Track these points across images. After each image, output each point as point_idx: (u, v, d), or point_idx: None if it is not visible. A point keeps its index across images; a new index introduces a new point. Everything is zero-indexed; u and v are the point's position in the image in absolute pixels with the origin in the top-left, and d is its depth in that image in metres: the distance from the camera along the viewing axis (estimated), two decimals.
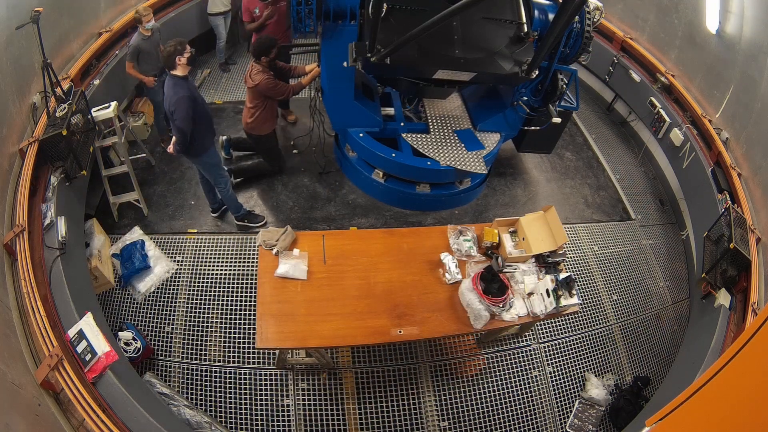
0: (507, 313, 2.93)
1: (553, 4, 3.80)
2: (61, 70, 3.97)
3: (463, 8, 2.79)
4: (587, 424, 3.45)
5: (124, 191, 4.30)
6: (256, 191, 4.65)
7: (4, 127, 3.19)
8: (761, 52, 3.98)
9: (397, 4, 3.38)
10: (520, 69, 3.56)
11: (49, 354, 2.41)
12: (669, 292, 4.48)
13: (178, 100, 3.25)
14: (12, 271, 2.83)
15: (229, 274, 3.96)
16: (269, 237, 3.15)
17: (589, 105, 6.49)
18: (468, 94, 4.84)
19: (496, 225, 3.43)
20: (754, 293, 3.28)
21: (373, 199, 4.67)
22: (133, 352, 3.29)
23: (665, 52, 5.32)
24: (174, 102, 3.26)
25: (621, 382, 3.77)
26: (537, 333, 3.91)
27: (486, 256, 3.27)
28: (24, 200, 3.04)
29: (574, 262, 4.47)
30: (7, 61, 3.26)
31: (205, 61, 6.35)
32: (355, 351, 3.60)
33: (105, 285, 3.71)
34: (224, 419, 3.21)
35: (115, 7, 4.82)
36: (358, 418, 3.29)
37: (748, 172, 4.10)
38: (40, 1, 3.36)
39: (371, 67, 3.39)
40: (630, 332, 4.10)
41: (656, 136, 5.20)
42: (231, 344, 3.57)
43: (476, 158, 4.16)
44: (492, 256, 3.22)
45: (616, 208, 5.12)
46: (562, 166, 5.46)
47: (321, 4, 3.37)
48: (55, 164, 3.37)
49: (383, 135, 4.34)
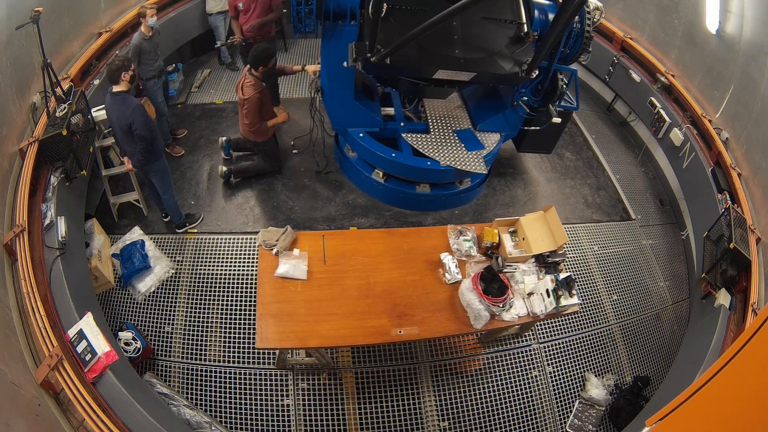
0: (507, 313, 2.93)
1: (553, 4, 3.80)
2: (61, 70, 3.97)
3: (463, 8, 2.79)
4: (587, 424, 3.45)
5: (124, 191, 4.30)
6: (256, 191, 4.65)
7: (4, 127, 3.19)
8: (761, 52, 3.98)
9: (397, 4, 3.38)
10: (520, 69, 3.56)
11: (49, 354, 2.41)
12: (669, 292, 4.48)
13: (134, 109, 3.35)
14: (12, 271, 2.83)
15: (229, 274, 3.96)
16: (269, 237, 3.15)
17: (589, 105, 6.48)
18: (468, 94, 4.84)
19: (496, 225, 3.43)
20: (754, 293, 3.28)
21: (373, 199, 4.67)
22: (133, 352, 3.29)
23: (665, 52, 5.32)
24: (130, 113, 3.34)
25: (621, 382, 3.77)
26: (537, 333, 3.91)
27: (486, 256, 3.27)
28: (24, 200, 3.04)
29: (574, 262, 4.47)
30: (7, 61, 3.26)
31: (205, 61, 6.35)
32: (355, 351, 3.60)
33: (105, 285, 3.71)
34: (224, 419, 3.21)
35: (115, 7, 4.82)
36: (358, 418, 3.29)
37: (748, 172, 4.10)
38: (40, 1, 3.36)
39: (371, 67, 3.39)
40: (630, 332, 4.10)
41: (656, 136, 5.20)
42: (231, 344, 3.56)
43: (476, 158, 4.16)
44: (492, 256, 3.22)
45: (616, 208, 5.12)
46: (562, 166, 5.46)
47: (321, 4, 3.37)
48: (55, 164, 3.38)
49: (383, 135, 4.34)
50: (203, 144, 5.08)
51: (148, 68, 4.36)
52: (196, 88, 5.87)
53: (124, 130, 3.45)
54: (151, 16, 4.16)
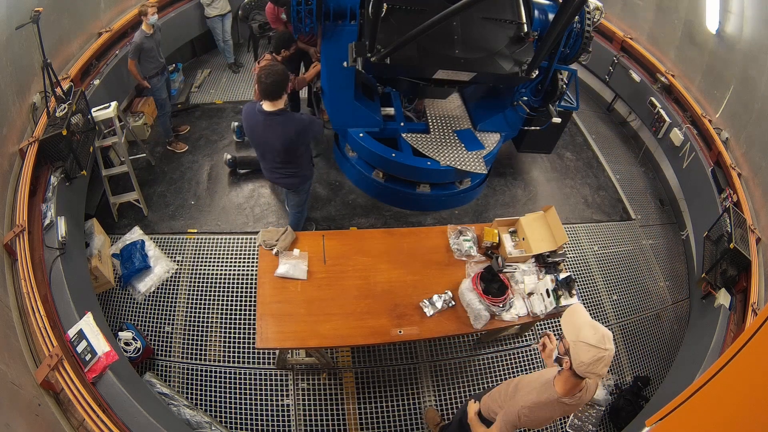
0: (507, 313, 2.93)
1: (553, 4, 3.80)
2: (61, 70, 3.96)
3: (463, 8, 2.78)
4: (587, 424, 3.45)
5: (124, 191, 4.31)
6: (256, 191, 4.65)
7: (4, 127, 3.19)
8: (761, 52, 3.98)
9: (397, 4, 3.38)
10: (520, 69, 3.56)
11: (49, 354, 2.41)
12: (669, 292, 4.48)
13: (311, 121, 3.11)
14: (12, 271, 2.83)
15: (229, 274, 3.96)
16: (269, 237, 3.15)
17: (589, 105, 6.49)
18: (468, 94, 4.84)
19: (496, 225, 3.43)
20: (754, 293, 3.28)
21: (373, 199, 4.67)
22: (133, 352, 3.29)
23: (665, 52, 5.32)
24: (306, 126, 3.06)
25: (621, 382, 3.77)
26: (537, 333, 3.91)
27: (486, 256, 3.27)
28: (24, 200, 3.04)
29: (574, 262, 4.47)
30: (7, 61, 3.25)
31: (205, 60, 6.36)
32: (355, 351, 3.60)
33: (105, 285, 3.71)
34: (224, 419, 3.21)
35: (115, 7, 4.82)
36: (358, 418, 3.29)
37: (748, 172, 4.10)
38: (40, 1, 3.37)
39: (371, 67, 3.39)
40: (630, 332, 4.10)
41: (656, 136, 5.21)
42: (231, 344, 3.56)
43: (476, 158, 4.16)
44: (492, 256, 3.21)
45: (616, 208, 5.12)
46: (562, 166, 5.46)
47: (321, 4, 3.37)
48: (55, 164, 3.37)
49: (383, 135, 4.34)
50: (203, 144, 5.09)
51: (151, 66, 4.37)
52: (196, 88, 5.88)
53: (289, 150, 3.09)
54: (152, 14, 4.17)
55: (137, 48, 4.20)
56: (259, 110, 2.93)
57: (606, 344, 1.71)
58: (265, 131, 2.98)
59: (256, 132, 3.03)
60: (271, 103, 2.90)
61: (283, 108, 2.94)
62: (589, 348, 1.71)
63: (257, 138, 3.08)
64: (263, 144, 3.11)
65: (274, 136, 2.98)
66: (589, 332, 1.74)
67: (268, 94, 2.84)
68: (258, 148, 3.23)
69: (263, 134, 3.01)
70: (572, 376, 1.82)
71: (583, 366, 1.74)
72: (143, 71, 4.36)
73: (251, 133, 3.09)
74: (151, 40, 4.27)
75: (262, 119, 2.94)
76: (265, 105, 2.91)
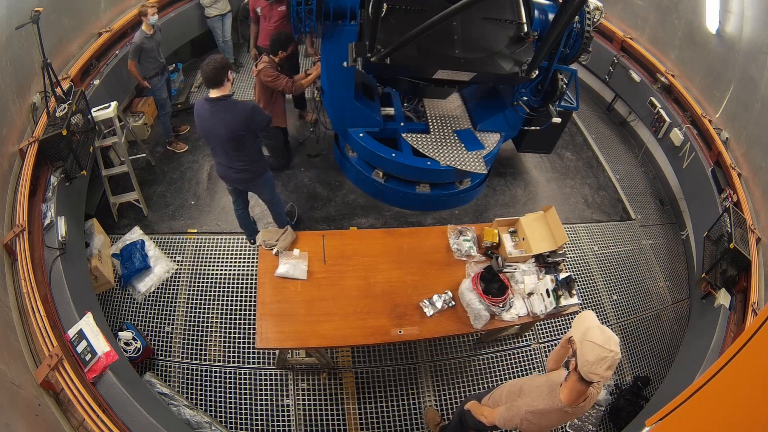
0: (507, 313, 2.93)
1: (553, 4, 3.80)
2: (61, 70, 3.96)
3: (463, 8, 2.78)
4: (587, 424, 3.44)
5: (124, 191, 4.31)
6: None
7: (4, 127, 3.19)
8: (761, 52, 3.98)
9: (397, 4, 3.38)
10: (520, 69, 3.56)
11: (49, 354, 2.41)
12: (669, 292, 4.48)
13: (253, 108, 3.13)
14: (12, 271, 2.83)
15: (229, 274, 3.96)
16: (269, 237, 3.15)
17: (589, 105, 6.49)
18: (468, 94, 4.84)
19: (496, 225, 3.43)
20: (754, 293, 3.27)
21: (373, 199, 4.67)
22: (133, 352, 3.29)
23: (665, 52, 5.32)
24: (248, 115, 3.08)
25: (621, 382, 3.77)
26: (537, 333, 3.91)
27: (486, 256, 3.27)
28: (24, 200, 3.04)
29: (574, 262, 4.47)
30: (7, 61, 3.25)
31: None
32: (355, 351, 3.60)
33: (105, 285, 3.71)
34: (224, 419, 3.21)
35: (115, 7, 4.82)
36: (358, 418, 3.29)
37: (748, 172, 4.10)
38: (40, 1, 3.36)
39: (371, 67, 3.39)
40: (630, 332, 4.10)
41: (656, 136, 5.21)
42: (231, 344, 3.56)
43: (476, 158, 4.16)
44: (492, 256, 3.21)
45: (616, 208, 5.12)
46: (562, 166, 5.46)
47: (321, 4, 3.37)
48: (55, 164, 3.37)
49: (383, 135, 4.34)
50: (203, 144, 5.08)
51: (151, 66, 4.37)
52: (196, 88, 5.88)
53: (235, 139, 3.10)
54: (152, 14, 4.17)
55: (137, 48, 4.20)
56: (206, 98, 3.04)
57: (611, 346, 1.77)
58: (211, 118, 3.05)
59: (204, 121, 3.09)
60: (215, 90, 2.99)
61: (227, 94, 3.02)
62: (594, 347, 1.77)
63: (206, 128, 3.13)
64: (211, 134, 3.16)
65: (220, 123, 3.04)
66: (596, 333, 1.81)
67: (210, 81, 2.95)
68: (208, 140, 3.29)
69: (210, 121, 3.06)
70: (578, 382, 1.86)
71: (587, 365, 1.78)
72: (143, 71, 4.36)
73: (200, 123, 3.14)
74: (151, 40, 4.27)
75: (208, 107, 3.03)
76: (211, 93, 3.00)
